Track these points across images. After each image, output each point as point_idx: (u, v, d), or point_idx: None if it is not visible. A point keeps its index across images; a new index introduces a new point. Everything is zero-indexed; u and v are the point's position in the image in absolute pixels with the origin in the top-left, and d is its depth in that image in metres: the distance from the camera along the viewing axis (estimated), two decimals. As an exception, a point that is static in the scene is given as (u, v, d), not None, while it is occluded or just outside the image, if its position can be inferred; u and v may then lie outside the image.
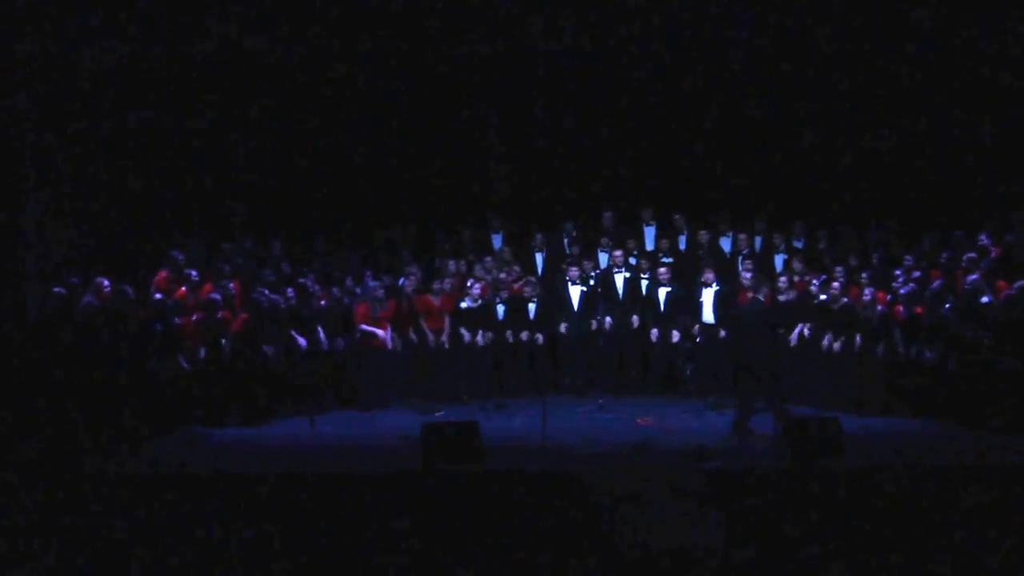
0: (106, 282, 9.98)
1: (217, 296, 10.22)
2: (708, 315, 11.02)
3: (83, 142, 11.69)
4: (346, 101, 12.98)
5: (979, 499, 7.45)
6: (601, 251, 12.05)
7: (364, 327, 10.76)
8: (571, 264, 11.54)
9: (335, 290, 11.01)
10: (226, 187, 12.69)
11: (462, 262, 11.79)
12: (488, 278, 11.55)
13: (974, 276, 10.10)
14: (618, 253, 11.64)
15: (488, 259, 11.88)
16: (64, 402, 8.97)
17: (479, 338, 11.03)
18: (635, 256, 11.86)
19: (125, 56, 11.78)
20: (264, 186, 12.84)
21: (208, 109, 12.52)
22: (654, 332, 11.20)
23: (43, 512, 7.37)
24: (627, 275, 11.58)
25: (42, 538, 7.12)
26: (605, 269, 11.76)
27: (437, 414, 10.19)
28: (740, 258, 11.74)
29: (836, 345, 10.33)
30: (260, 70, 12.57)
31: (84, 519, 7.30)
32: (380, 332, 10.75)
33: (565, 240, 12.32)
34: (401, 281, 11.32)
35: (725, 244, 12.19)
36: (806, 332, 10.59)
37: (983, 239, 11.06)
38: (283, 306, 10.54)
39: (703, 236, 12.04)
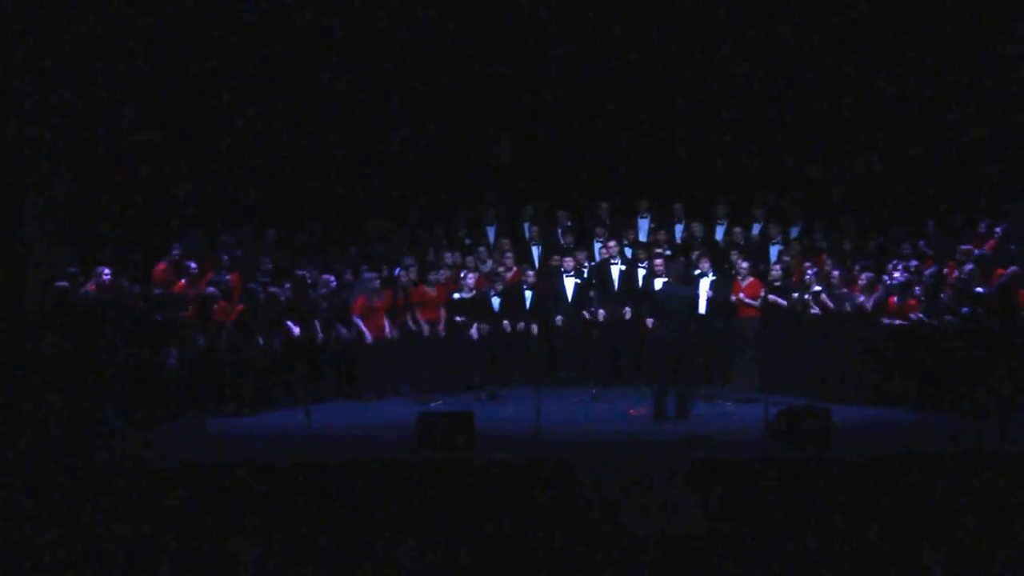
0: (106, 271, 10.06)
1: (213, 291, 10.30)
2: (703, 306, 11.09)
3: (82, 137, 11.75)
4: (343, 92, 13.05)
5: (969, 488, 7.52)
6: (597, 241, 12.13)
7: (357, 321, 10.84)
8: (566, 255, 11.62)
9: (331, 280, 11.06)
10: (225, 179, 12.78)
11: (457, 253, 11.86)
12: (485, 268, 11.63)
13: (969, 266, 10.17)
14: (612, 244, 11.72)
15: (482, 250, 11.98)
16: (63, 392, 9.05)
17: (474, 329, 11.11)
18: (630, 247, 11.94)
19: (125, 50, 11.85)
20: (262, 178, 12.92)
21: (206, 100, 12.59)
22: (649, 322, 11.26)
23: (43, 502, 7.46)
24: (623, 267, 11.65)
25: (43, 528, 7.21)
26: (601, 261, 11.82)
27: (433, 404, 10.28)
28: (735, 249, 11.83)
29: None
30: (257, 63, 12.64)
31: (82, 508, 7.38)
32: (368, 335, 10.84)
33: (559, 231, 12.39)
34: (397, 272, 11.39)
35: (720, 235, 12.28)
36: None
37: (982, 228, 11.14)
38: (282, 298, 10.63)
39: (696, 228, 12.10)
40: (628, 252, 11.93)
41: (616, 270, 11.63)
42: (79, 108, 11.60)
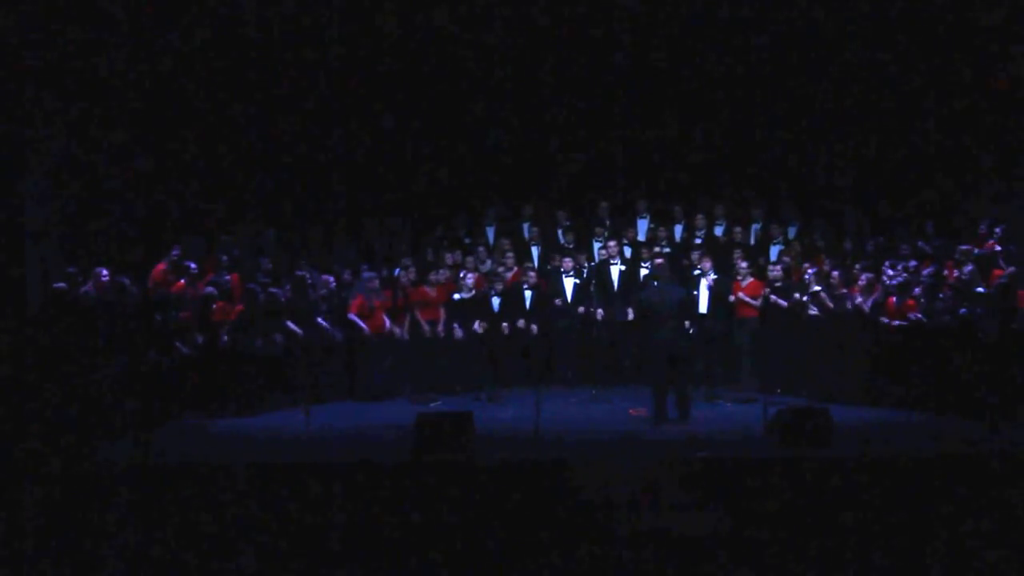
0: (104, 272, 10.06)
1: (211, 290, 10.31)
2: (703, 306, 11.09)
3: (82, 135, 11.75)
4: (343, 92, 13.05)
5: (969, 488, 7.52)
6: (596, 241, 12.13)
7: (352, 317, 10.85)
8: (566, 255, 11.62)
9: (331, 280, 11.05)
10: (224, 179, 12.77)
11: (457, 253, 11.86)
12: (484, 268, 11.63)
13: (969, 266, 10.17)
14: (612, 244, 11.72)
15: (482, 249, 11.98)
16: (61, 394, 9.04)
17: (476, 328, 11.10)
18: (630, 247, 11.94)
19: (123, 48, 11.84)
20: (261, 178, 12.92)
21: (205, 100, 12.59)
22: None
23: (41, 503, 7.46)
24: (623, 267, 11.65)
25: (40, 529, 7.21)
26: (601, 261, 11.82)
27: (432, 404, 10.27)
28: (736, 249, 11.82)
29: None
30: (255, 61, 12.63)
31: (81, 509, 7.39)
32: (366, 327, 10.84)
33: (559, 231, 12.39)
34: (397, 272, 11.39)
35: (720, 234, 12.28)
36: None
37: (982, 228, 11.15)
38: (282, 299, 10.63)
39: (700, 220, 12.10)
40: (628, 252, 11.93)
41: (616, 270, 11.63)
42: (79, 107, 11.60)
